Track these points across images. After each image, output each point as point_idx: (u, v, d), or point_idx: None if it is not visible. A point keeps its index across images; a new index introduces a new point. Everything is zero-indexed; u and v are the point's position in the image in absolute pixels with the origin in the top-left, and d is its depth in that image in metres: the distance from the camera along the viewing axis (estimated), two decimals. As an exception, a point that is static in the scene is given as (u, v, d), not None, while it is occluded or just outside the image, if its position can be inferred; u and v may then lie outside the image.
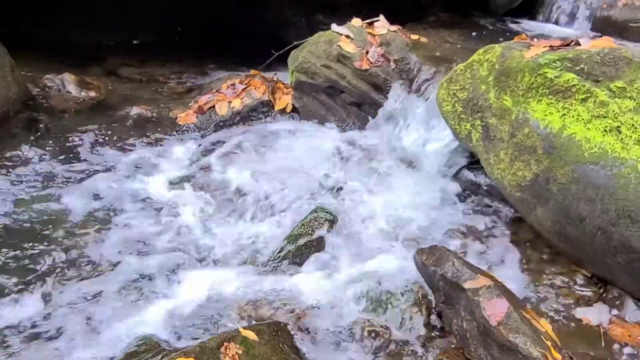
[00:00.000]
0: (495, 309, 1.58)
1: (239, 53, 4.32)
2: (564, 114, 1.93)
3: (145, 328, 1.78)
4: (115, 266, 2.09)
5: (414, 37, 3.13)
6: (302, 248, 2.15)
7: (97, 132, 3.08)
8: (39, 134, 3.02)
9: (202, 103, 3.32)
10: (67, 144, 2.94)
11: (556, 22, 3.91)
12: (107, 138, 3.04)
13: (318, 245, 2.19)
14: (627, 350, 1.75)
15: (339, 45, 3.06)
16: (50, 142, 2.95)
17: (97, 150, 2.91)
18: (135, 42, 4.73)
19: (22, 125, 3.06)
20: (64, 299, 1.92)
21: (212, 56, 4.40)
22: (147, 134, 3.12)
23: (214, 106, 3.29)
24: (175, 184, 2.64)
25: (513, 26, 3.81)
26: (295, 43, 3.37)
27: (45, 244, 2.18)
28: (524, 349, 1.49)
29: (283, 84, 3.43)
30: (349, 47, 3.04)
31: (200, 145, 3.01)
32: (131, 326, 1.80)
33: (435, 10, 4.12)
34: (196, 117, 3.26)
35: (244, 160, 2.83)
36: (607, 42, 2.06)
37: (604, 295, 1.97)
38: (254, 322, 1.82)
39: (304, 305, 1.90)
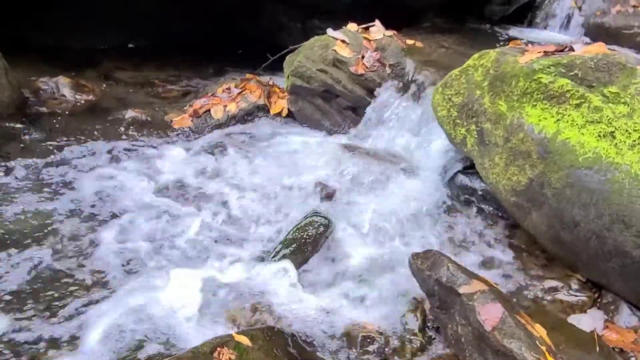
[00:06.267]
0: (490, 314, 1.57)
1: (235, 57, 4.33)
2: (558, 119, 1.93)
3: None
4: (103, 274, 2.07)
5: (410, 42, 3.15)
6: (296, 252, 2.14)
7: (91, 135, 3.06)
8: (33, 137, 3.00)
9: (197, 107, 3.31)
10: (61, 147, 2.92)
11: (550, 29, 3.94)
12: (101, 141, 3.02)
13: (313, 249, 2.18)
14: (621, 355, 1.75)
15: (334, 50, 3.07)
16: (44, 145, 2.93)
17: (91, 153, 2.89)
18: (130, 45, 4.72)
19: (15, 129, 3.04)
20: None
21: (208, 60, 4.40)
22: (142, 137, 3.10)
23: (209, 110, 3.28)
24: (167, 188, 2.62)
25: (508, 32, 3.84)
26: (291, 47, 3.37)
27: (36, 249, 2.15)
28: (519, 354, 1.48)
29: (279, 88, 3.43)
30: (344, 52, 3.05)
31: (195, 149, 3.00)
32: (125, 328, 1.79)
33: (430, 16, 4.14)
34: (191, 120, 3.25)
35: (239, 164, 2.83)
36: (600, 48, 2.08)
37: (599, 300, 1.97)
38: (247, 326, 1.81)
39: (298, 310, 1.89)
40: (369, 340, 1.78)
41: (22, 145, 2.90)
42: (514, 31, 3.88)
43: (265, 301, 1.91)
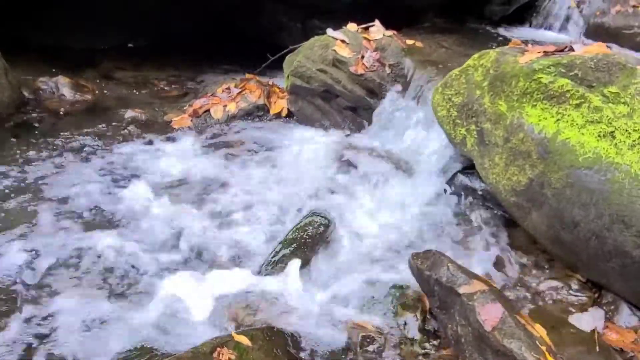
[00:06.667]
0: (490, 314, 1.57)
1: (235, 57, 4.33)
2: (558, 119, 1.93)
3: (139, 332, 1.76)
4: (105, 270, 2.08)
5: (410, 42, 3.14)
6: (296, 252, 2.13)
7: (90, 135, 3.06)
8: (32, 136, 3.00)
9: (197, 107, 3.31)
10: (60, 147, 2.92)
11: (550, 29, 3.94)
12: (100, 141, 3.02)
13: (312, 249, 2.17)
14: (621, 355, 1.75)
15: (334, 50, 3.07)
16: (43, 145, 2.93)
17: (90, 154, 2.90)
18: (130, 45, 4.72)
19: (15, 128, 3.05)
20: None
21: (208, 60, 4.40)
22: (141, 137, 3.11)
23: (209, 110, 3.29)
24: (165, 188, 2.62)
25: (507, 32, 3.84)
26: (290, 47, 3.37)
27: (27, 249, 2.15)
28: (519, 354, 1.48)
29: (278, 88, 3.43)
30: (344, 52, 3.05)
31: (194, 149, 3.00)
32: (124, 329, 1.79)
33: (430, 16, 4.14)
34: (191, 120, 3.25)
35: (238, 164, 2.83)
36: (600, 48, 2.08)
37: (599, 300, 1.97)
38: (247, 326, 1.81)
39: (298, 310, 1.89)
40: (368, 340, 1.78)
41: (21, 145, 2.90)
42: (513, 31, 3.88)
43: (265, 301, 1.91)
